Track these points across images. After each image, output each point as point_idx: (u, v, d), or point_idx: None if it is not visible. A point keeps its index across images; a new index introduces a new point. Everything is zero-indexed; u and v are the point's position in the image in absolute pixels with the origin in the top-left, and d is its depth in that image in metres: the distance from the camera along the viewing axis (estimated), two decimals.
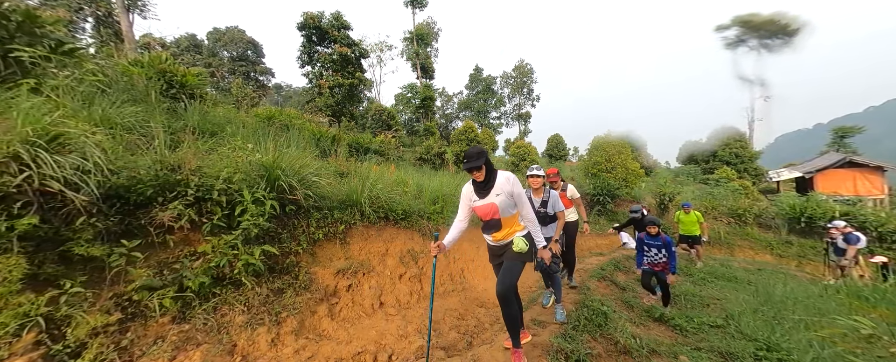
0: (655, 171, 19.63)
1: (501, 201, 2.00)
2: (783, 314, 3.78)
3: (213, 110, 5.09)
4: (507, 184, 2.00)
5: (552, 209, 3.04)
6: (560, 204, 3.03)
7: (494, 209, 2.03)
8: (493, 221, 2.08)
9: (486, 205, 2.05)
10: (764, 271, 6.86)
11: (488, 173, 2.03)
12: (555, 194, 3.06)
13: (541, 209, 3.02)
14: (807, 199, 12.55)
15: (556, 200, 3.03)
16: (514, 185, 2.02)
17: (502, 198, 2.00)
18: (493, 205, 2.02)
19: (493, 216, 2.06)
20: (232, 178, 2.75)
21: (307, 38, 13.59)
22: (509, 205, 2.03)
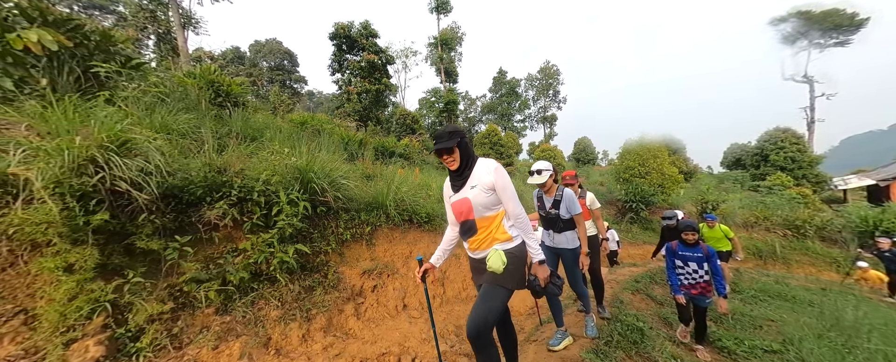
0: (696, 177, 18.18)
1: (476, 195, 1.54)
2: (855, 342, 3.30)
3: (254, 116, 5.48)
4: (487, 174, 1.54)
5: (568, 211, 2.48)
6: (577, 205, 2.49)
7: (467, 206, 1.56)
8: (468, 223, 1.60)
9: (460, 201, 1.59)
10: (830, 291, 6.06)
11: (464, 159, 1.58)
12: (570, 193, 2.52)
13: (552, 210, 2.51)
14: (883, 211, 10.95)
15: (572, 200, 2.49)
16: (496, 175, 1.54)
17: (477, 192, 1.54)
18: (466, 201, 1.56)
19: (467, 216, 1.59)
20: (270, 180, 2.93)
21: (338, 47, 14.28)
22: (489, 202, 1.55)
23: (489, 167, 1.58)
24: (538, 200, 2.66)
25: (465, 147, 1.60)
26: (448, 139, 1.55)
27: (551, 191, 2.56)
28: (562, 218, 2.51)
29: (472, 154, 1.65)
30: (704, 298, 2.71)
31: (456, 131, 1.59)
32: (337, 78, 15.01)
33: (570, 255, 2.53)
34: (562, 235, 2.53)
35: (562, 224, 2.51)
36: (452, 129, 1.60)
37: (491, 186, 1.55)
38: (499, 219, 1.58)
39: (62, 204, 1.97)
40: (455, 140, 1.55)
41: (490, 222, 1.58)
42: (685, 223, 2.83)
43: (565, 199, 2.50)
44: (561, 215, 2.50)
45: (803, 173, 17.33)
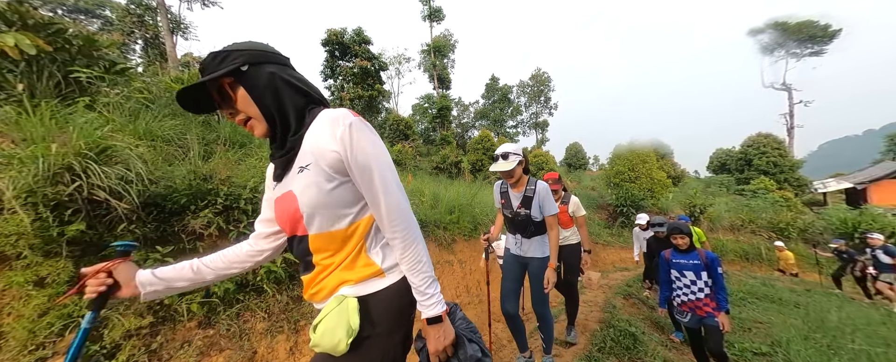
0: (684, 181, 18.61)
1: (307, 186, 0.73)
2: (840, 343, 3.38)
3: None
4: (333, 141, 0.72)
5: (540, 211, 1.94)
6: (552, 203, 1.96)
7: (293, 208, 0.76)
8: (300, 243, 0.81)
9: (284, 200, 0.78)
10: (814, 292, 6.22)
11: (275, 107, 0.75)
12: (544, 187, 1.96)
13: (521, 210, 1.94)
14: (860, 213, 11.39)
15: (546, 197, 1.95)
16: (352, 142, 0.72)
17: (313, 180, 0.73)
18: (291, 198, 0.76)
19: (294, 229, 0.80)
20: (258, 187, 2.86)
21: (330, 53, 14.30)
22: (339, 199, 0.75)
23: (336, 124, 0.73)
24: (502, 196, 2.06)
25: (265, 80, 0.74)
26: (214, 63, 0.72)
27: (520, 185, 1.99)
28: (533, 219, 1.94)
29: (285, 101, 0.76)
30: (714, 318, 2.13)
31: (229, 53, 0.73)
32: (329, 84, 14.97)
33: (539, 266, 1.99)
34: (532, 241, 2.00)
35: (533, 227, 1.97)
36: (222, 52, 0.74)
37: (339, 162, 0.73)
38: (358, 233, 0.79)
39: (35, 214, 1.88)
40: (228, 64, 0.72)
41: (344, 241, 0.79)
42: (673, 224, 2.33)
43: (538, 195, 1.94)
44: (532, 216, 1.94)
45: (785, 177, 17.93)
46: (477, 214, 5.67)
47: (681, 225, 2.32)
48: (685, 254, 2.29)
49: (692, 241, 2.32)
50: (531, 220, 1.99)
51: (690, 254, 2.28)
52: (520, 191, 2.02)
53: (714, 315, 2.14)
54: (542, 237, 2.04)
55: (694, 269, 2.23)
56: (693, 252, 2.27)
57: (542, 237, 2.04)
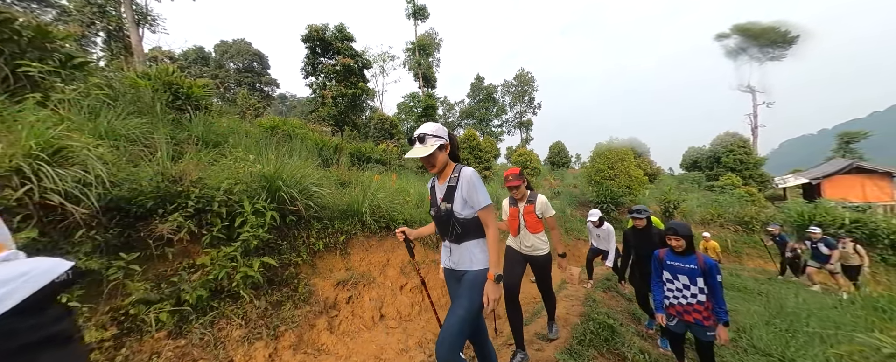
0: (659, 178, 19.49)
1: None
2: (797, 327, 3.66)
3: (218, 121, 5.15)
4: None
5: (465, 208, 1.51)
6: (481, 194, 1.48)
7: None
8: None
9: None
10: (775, 281, 6.68)
11: None
12: (469, 173, 1.51)
13: (444, 205, 1.55)
14: (815, 206, 12.33)
15: (473, 187, 1.48)
16: None
17: None
18: None
19: None
20: (233, 190, 2.75)
21: (311, 50, 13.90)
22: None
23: None
24: (430, 191, 1.73)
25: None
26: None
27: (445, 175, 1.59)
28: (457, 217, 1.51)
29: None
30: (704, 329, 2.00)
31: None
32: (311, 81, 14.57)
33: (473, 281, 1.52)
34: (462, 249, 1.54)
35: (458, 228, 1.52)
36: None
37: None
38: None
39: None
40: None
41: None
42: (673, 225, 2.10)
43: (463, 185, 1.49)
44: (455, 213, 1.51)
45: (750, 173, 19.15)
46: None
47: (677, 225, 2.08)
48: (682, 257, 2.06)
49: (691, 243, 2.05)
50: (454, 218, 1.52)
51: (688, 257, 2.04)
52: (444, 182, 1.59)
53: (704, 325, 2.00)
54: (476, 243, 1.54)
55: (689, 274, 2.03)
56: (691, 255, 2.03)
57: (476, 243, 1.54)
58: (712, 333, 2.00)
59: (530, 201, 2.50)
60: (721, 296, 1.96)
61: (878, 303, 4.26)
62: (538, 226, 2.47)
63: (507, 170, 2.53)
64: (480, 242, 1.56)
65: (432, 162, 1.57)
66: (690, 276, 2.03)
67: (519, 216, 2.54)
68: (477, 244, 1.56)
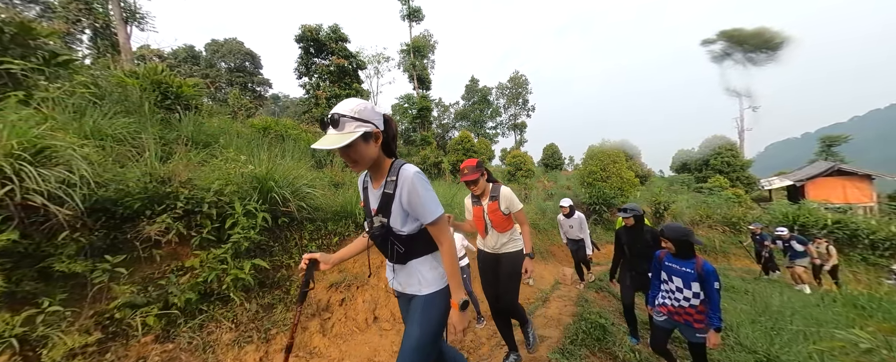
0: (650, 180, 19.82)
1: None
2: (781, 324, 3.76)
3: (209, 121, 5.07)
4: None
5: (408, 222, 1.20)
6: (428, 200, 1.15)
7: None
8: None
9: None
10: (760, 280, 6.85)
11: None
12: (410, 174, 1.15)
13: (379, 218, 1.21)
14: (799, 208, 12.70)
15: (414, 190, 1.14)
16: None
17: None
18: None
19: None
20: (223, 190, 2.71)
21: (305, 50, 13.80)
22: None
23: None
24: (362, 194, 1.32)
25: None
26: None
27: (379, 177, 1.21)
28: (394, 232, 1.18)
29: None
30: (694, 331, 2.00)
31: None
32: (304, 82, 14.45)
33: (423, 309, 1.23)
34: (409, 270, 1.23)
35: (401, 247, 1.19)
36: None
37: None
38: None
39: None
40: None
41: None
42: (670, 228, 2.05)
43: (402, 191, 1.13)
44: (394, 230, 1.18)
45: (737, 176, 19.62)
46: (457, 215, 5.71)
47: (668, 228, 2.06)
48: (680, 260, 2.01)
49: (687, 247, 2.00)
50: (392, 236, 1.17)
51: (687, 261, 2.00)
52: (379, 187, 1.18)
53: (693, 327, 2.00)
54: (425, 260, 1.22)
55: (684, 277, 1.99)
56: (690, 260, 1.99)
57: (425, 260, 1.22)
58: (701, 335, 1.99)
59: (494, 197, 2.16)
60: (717, 303, 1.90)
61: (858, 301, 4.42)
62: (507, 223, 2.17)
63: (465, 161, 2.16)
64: (431, 259, 1.23)
65: (353, 157, 1.09)
66: (685, 279, 1.98)
67: (483, 215, 2.19)
68: (426, 262, 1.22)
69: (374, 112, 1.14)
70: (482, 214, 2.22)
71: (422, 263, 1.24)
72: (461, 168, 2.19)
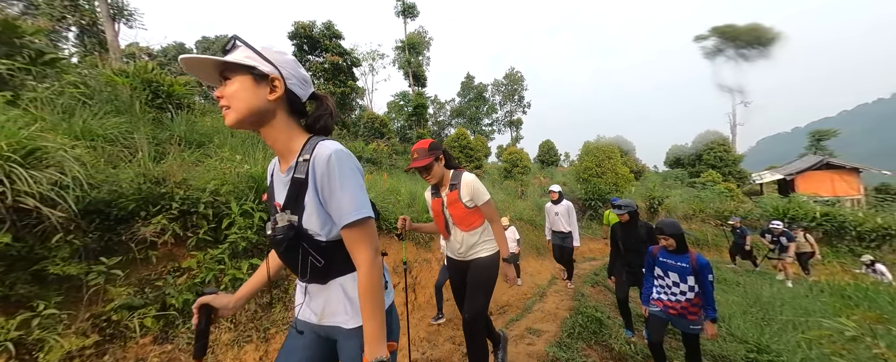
0: (644, 175, 20.03)
1: None
2: (771, 315, 3.86)
3: (202, 120, 5.01)
4: None
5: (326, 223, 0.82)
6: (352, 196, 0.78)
7: None
8: None
9: None
10: (752, 273, 7.00)
11: None
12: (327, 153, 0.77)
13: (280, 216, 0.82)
14: (789, 201, 12.97)
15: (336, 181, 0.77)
16: None
17: None
18: None
19: None
20: (219, 191, 2.69)
21: (299, 48, 13.64)
22: None
23: None
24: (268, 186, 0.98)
25: None
26: None
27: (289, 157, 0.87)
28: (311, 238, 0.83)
29: None
30: (688, 323, 2.04)
31: None
32: None
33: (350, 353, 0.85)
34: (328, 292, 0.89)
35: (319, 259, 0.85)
36: None
37: None
38: None
39: None
40: None
41: None
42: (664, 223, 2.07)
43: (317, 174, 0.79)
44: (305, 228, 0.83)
45: (729, 170, 19.93)
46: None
47: (665, 224, 2.06)
48: (674, 255, 2.05)
49: (683, 242, 2.04)
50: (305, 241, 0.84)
51: (681, 255, 2.04)
52: (287, 172, 0.86)
53: (687, 319, 2.03)
54: (343, 280, 0.88)
55: (680, 272, 2.02)
56: (684, 254, 2.03)
57: (343, 280, 0.88)
58: (697, 326, 2.03)
59: (453, 186, 1.74)
60: (711, 295, 1.96)
61: (845, 292, 4.55)
62: (473, 219, 1.75)
63: (417, 143, 1.76)
64: (346, 283, 0.87)
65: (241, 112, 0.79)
66: (681, 274, 2.02)
67: (442, 210, 1.79)
68: (351, 282, 0.86)
69: (284, 57, 0.84)
70: (441, 208, 1.80)
71: (344, 284, 0.86)
72: (411, 152, 1.75)
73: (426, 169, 1.73)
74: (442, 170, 1.79)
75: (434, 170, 1.74)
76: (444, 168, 1.81)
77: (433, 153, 1.73)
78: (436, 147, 1.76)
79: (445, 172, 1.82)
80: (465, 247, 1.80)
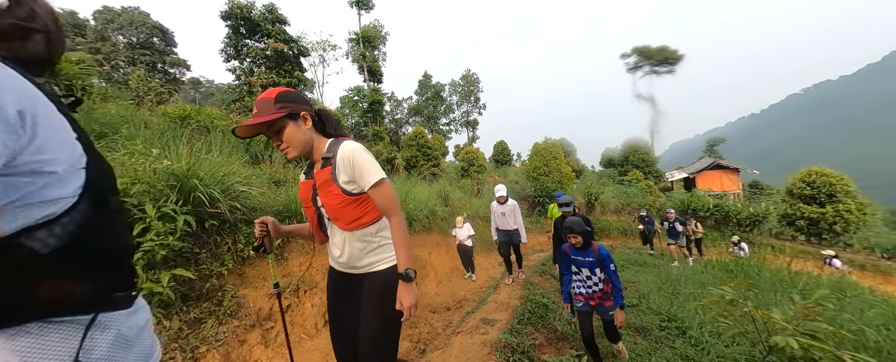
0: (584, 174, 22.33)
1: None
2: (678, 289, 4.63)
3: (102, 107, 4.15)
4: None
5: None
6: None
7: None
8: None
9: None
10: (665, 257, 8.30)
11: None
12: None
13: None
14: (691, 195, 15.76)
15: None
16: None
17: None
18: None
19: None
20: (129, 190, 2.27)
21: (233, 29, 12.16)
22: None
23: None
24: None
25: None
26: None
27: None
28: None
29: None
30: (606, 309, 2.27)
31: None
32: (234, 66, 12.74)
33: None
34: None
35: None
36: None
37: None
38: None
39: None
40: None
41: None
42: (569, 222, 2.26)
43: None
44: None
45: (649, 169, 23.32)
46: (411, 210, 5.69)
47: (573, 223, 2.26)
48: (581, 252, 2.30)
49: (588, 239, 2.26)
50: None
51: (586, 251, 2.29)
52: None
53: (606, 306, 2.24)
54: None
55: (589, 266, 2.27)
56: (589, 249, 2.28)
57: None
58: (613, 312, 2.24)
59: (326, 161, 1.16)
60: (617, 282, 2.18)
61: (729, 267, 5.69)
62: (359, 211, 1.15)
63: (264, 92, 1.15)
64: None
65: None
66: (590, 268, 2.26)
67: (312, 198, 1.22)
68: None
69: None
70: (310, 195, 1.21)
71: None
72: (259, 100, 1.12)
73: (274, 132, 1.09)
74: (308, 136, 1.14)
75: (288, 134, 1.09)
76: (313, 134, 1.18)
77: (285, 107, 1.07)
78: (291, 99, 1.11)
79: (317, 141, 1.19)
80: (347, 256, 1.18)
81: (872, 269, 11.25)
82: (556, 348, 2.75)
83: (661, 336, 3.02)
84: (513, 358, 2.36)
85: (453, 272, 5.73)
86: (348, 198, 1.15)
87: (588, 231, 2.26)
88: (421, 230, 5.84)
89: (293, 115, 1.14)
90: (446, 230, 6.33)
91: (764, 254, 7.30)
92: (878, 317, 2.71)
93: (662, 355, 2.58)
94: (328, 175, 1.15)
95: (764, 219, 14.04)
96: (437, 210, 6.78)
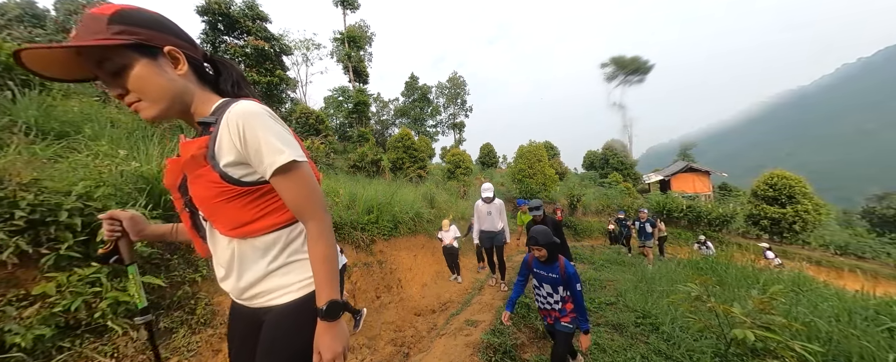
0: (567, 177, 22.96)
1: None
2: (653, 287, 4.84)
3: (63, 103, 3.88)
4: None
5: None
6: None
7: None
8: None
9: None
10: (642, 256, 8.66)
11: None
12: None
13: None
14: (666, 196, 16.54)
15: None
16: None
17: None
18: None
19: None
20: (93, 194, 2.15)
21: (210, 25, 11.73)
22: None
23: None
24: None
25: None
26: None
27: None
28: None
29: None
30: (561, 324, 2.02)
31: None
32: None
33: None
34: None
35: None
36: None
37: None
38: None
39: None
40: None
41: None
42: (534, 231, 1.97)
43: None
44: None
45: (628, 172, 24.31)
46: (397, 212, 5.66)
47: (538, 233, 1.95)
48: (546, 266, 2.01)
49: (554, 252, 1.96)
50: None
51: (552, 266, 1.99)
52: None
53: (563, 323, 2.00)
54: None
55: (551, 283, 2.01)
56: (554, 264, 1.98)
57: None
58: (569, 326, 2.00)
59: (205, 128, 0.76)
60: (581, 304, 1.91)
61: (698, 265, 6.02)
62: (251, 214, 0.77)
63: None
64: None
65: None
66: (552, 285, 2.00)
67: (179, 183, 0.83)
68: None
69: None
70: (177, 180, 0.84)
71: None
72: None
73: (110, 73, 0.68)
74: (178, 87, 0.74)
75: (137, 78, 0.69)
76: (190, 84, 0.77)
77: (130, 32, 0.67)
78: (146, 23, 0.70)
79: (200, 97, 0.78)
80: (235, 278, 0.82)
81: (827, 265, 12.21)
82: (537, 347, 2.81)
83: (636, 332, 3.16)
84: (495, 358, 2.40)
85: (439, 275, 5.74)
86: (232, 188, 0.73)
87: (555, 243, 1.95)
88: (406, 233, 5.81)
89: (146, 49, 0.69)
90: (432, 232, 6.33)
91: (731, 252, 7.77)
92: (830, 310, 2.95)
93: (637, 350, 2.70)
94: (199, 149, 0.72)
95: (732, 219, 14.94)
96: (423, 212, 6.77)
